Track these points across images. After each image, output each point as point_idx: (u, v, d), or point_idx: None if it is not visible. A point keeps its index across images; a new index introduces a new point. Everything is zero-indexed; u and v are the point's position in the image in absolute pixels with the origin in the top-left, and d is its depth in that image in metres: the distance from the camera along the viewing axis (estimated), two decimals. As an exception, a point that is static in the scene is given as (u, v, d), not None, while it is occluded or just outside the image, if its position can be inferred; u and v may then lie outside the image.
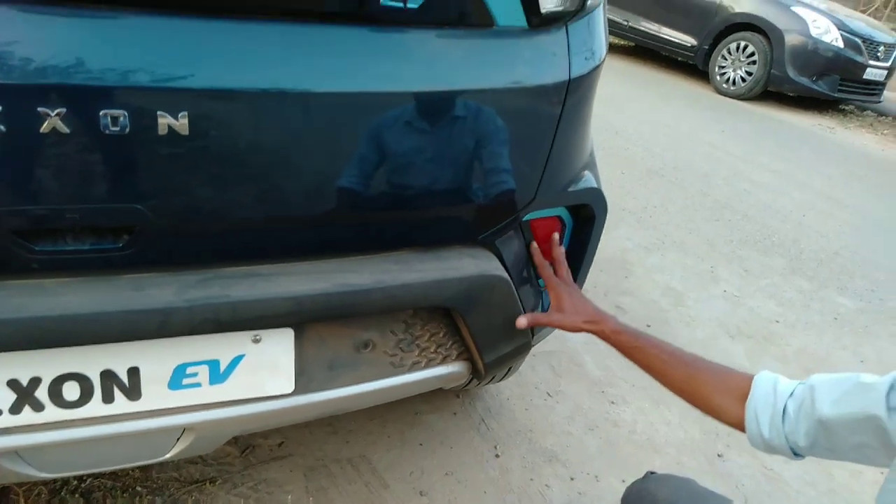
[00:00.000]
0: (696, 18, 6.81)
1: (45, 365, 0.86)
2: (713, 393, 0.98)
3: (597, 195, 1.21)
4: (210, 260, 0.90)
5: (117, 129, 0.74)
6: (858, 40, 6.29)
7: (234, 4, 0.79)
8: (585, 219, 1.24)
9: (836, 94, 6.44)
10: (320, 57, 0.84)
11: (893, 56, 6.62)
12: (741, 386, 0.96)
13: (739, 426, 0.96)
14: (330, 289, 0.94)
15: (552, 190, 1.11)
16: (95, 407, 0.91)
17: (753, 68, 6.45)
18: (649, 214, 3.36)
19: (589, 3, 1.02)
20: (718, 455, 1.82)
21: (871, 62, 6.37)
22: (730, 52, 6.63)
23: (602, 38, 1.10)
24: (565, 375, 2.06)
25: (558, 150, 1.07)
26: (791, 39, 6.18)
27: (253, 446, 1.60)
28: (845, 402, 0.83)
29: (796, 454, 0.91)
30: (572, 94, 1.03)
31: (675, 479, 1.08)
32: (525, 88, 0.99)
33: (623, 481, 1.69)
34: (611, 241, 2.99)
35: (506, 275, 1.10)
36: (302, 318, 0.96)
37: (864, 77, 6.39)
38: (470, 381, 1.26)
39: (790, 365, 2.29)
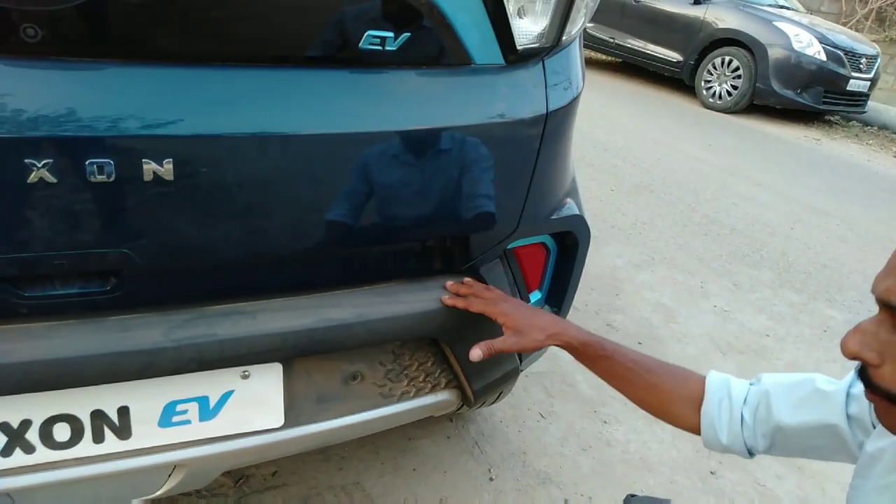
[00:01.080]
0: (682, 35, 6.91)
1: (35, 407, 0.87)
2: (671, 402, 0.99)
3: (579, 222, 1.23)
4: (196, 299, 0.91)
5: (103, 177, 0.76)
6: (840, 53, 6.39)
7: (215, 52, 0.81)
8: (569, 245, 1.26)
9: (820, 106, 6.53)
10: (301, 100, 0.86)
11: (875, 67, 6.72)
12: (696, 392, 0.97)
13: (696, 432, 0.97)
14: (315, 324, 0.95)
15: (535, 219, 1.13)
16: (86, 447, 0.92)
17: (739, 82, 6.54)
18: (639, 231, 3.39)
19: (564, 38, 1.05)
20: (711, 472, 1.83)
21: (854, 74, 6.47)
22: (715, 67, 6.72)
23: (578, 70, 1.13)
24: (558, 396, 2.07)
25: (539, 180, 1.09)
26: (774, 53, 6.28)
27: (247, 476, 1.60)
28: (804, 411, 0.86)
29: (751, 454, 0.94)
30: (550, 127, 1.06)
31: (654, 501, 1.09)
32: (504, 123, 1.01)
33: (616, 502, 1.69)
34: (601, 259, 3.01)
35: (491, 303, 1.11)
36: (288, 354, 0.97)
37: (848, 89, 6.49)
38: (460, 408, 1.27)
39: (781, 379, 2.31)
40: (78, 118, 0.74)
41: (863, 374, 0.64)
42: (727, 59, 6.61)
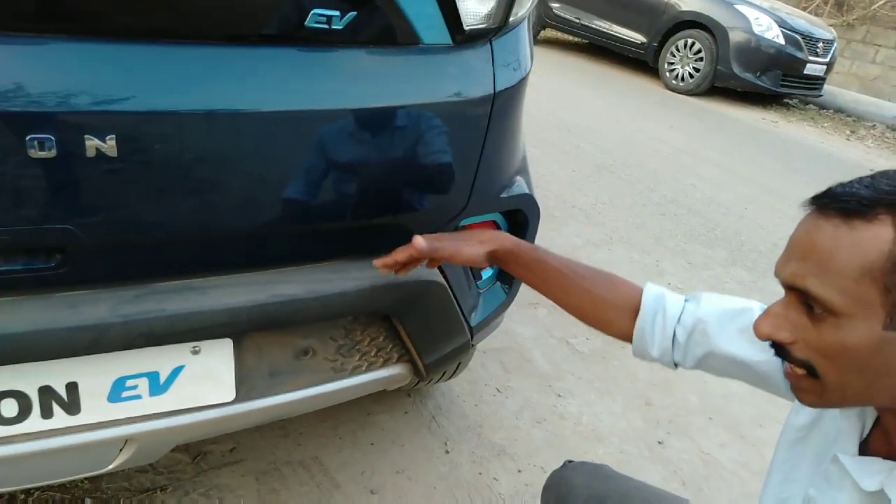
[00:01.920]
0: (646, 16, 6.97)
1: (-20, 383, 0.88)
2: (605, 308, 1.00)
3: (529, 200, 1.26)
4: (144, 275, 0.92)
5: (45, 152, 0.76)
6: (798, 37, 6.52)
7: (161, 29, 0.81)
8: (520, 223, 1.29)
9: (779, 89, 6.67)
10: (246, 78, 0.87)
11: (832, 52, 6.88)
12: (631, 300, 0.99)
13: (626, 339, 0.99)
14: (266, 300, 0.97)
15: (484, 197, 1.16)
16: (35, 422, 0.92)
17: (701, 65, 6.64)
18: (598, 211, 3.46)
19: (511, 19, 1.07)
20: (659, 442, 1.91)
21: (811, 58, 6.62)
22: (678, 49, 6.81)
23: (527, 51, 1.15)
24: (515, 371, 2.12)
25: (487, 159, 1.11)
26: (735, 37, 6.38)
27: (204, 453, 1.61)
28: (740, 344, 0.89)
29: (676, 367, 0.98)
30: (498, 107, 1.08)
31: (589, 465, 1.14)
32: (451, 103, 1.03)
33: (568, 472, 1.75)
34: (560, 238, 3.07)
35: (442, 279, 1.14)
36: (239, 329, 0.99)
37: (805, 72, 6.64)
38: (416, 383, 1.30)
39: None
40: (18, 93, 0.74)
41: (780, 352, 0.68)
42: (690, 41, 6.69)
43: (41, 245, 0.83)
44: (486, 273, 1.34)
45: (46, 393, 0.91)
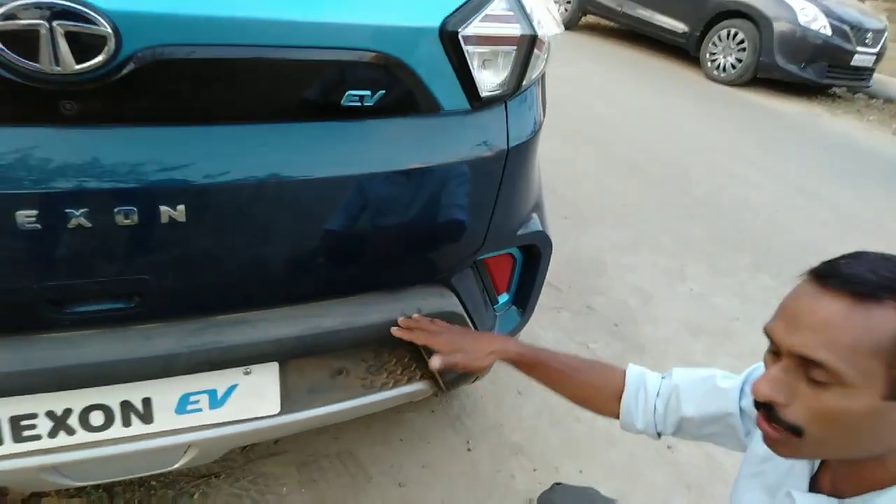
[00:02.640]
0: (689, 5, 6.89)
1: (75, 398, 1.07)
2: (596, 395, 1.19)
3: (542, 237, 1.40)
4: (205, 311, 1.10)
5: (128, 220, 0.93)
6: (846, 27, 6.37)
7: (218, 113, 0.97)
8: (534, 255, 1.43)
9: (823, 81, 6.55)
10: (293, 150, 1.02)
11: (882, 42, 6.69)
12: (617, 385, 1.17)
13: (615, 417, 1.18)
14: (306, 332, 1.14)
15: (499, 236, 1.30)
16: (116, 430, 1.11)
17: (743, 55, 6.55)
18: (627, 212, 3.54)
19: (524, 83, 1.19)
20: (668, 447, 2.03)
21: (860, 48, 6.46)
22: (720, 39, 6.72)
23: (538, 107, 1.28)
24: (535, 374, 2.26)
25: (502, 205, 1.25)
26: (780, 27, 6.27)
27: (252, 445, 1.81)
28: (705, 404, 1.06)
29: (659, 436, 1.15)
30: (511, 160, 1.22)
31: (577, 489, 1.29)
32: (469, 159, 1.17)
33: (580, 471, 1.90)
34: (588, 241, 3.17)
35: (460, 309, 1.29)
36: (283, 356, 1.16)
37: (853, 64, 6.49)
38: (435, 395, 1.46)
39: (744, 361, 2.47)
40: (105, 173, 0.91)
41: (769, 411, 0.76)
42: (733, 31, 6.60)
43: (124, 291, 1.01)
44: (503, 298, 1.48)
45: (126, 406, 1.10)
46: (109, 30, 0.83)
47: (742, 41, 6.54)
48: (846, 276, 0.70)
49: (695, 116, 5.43)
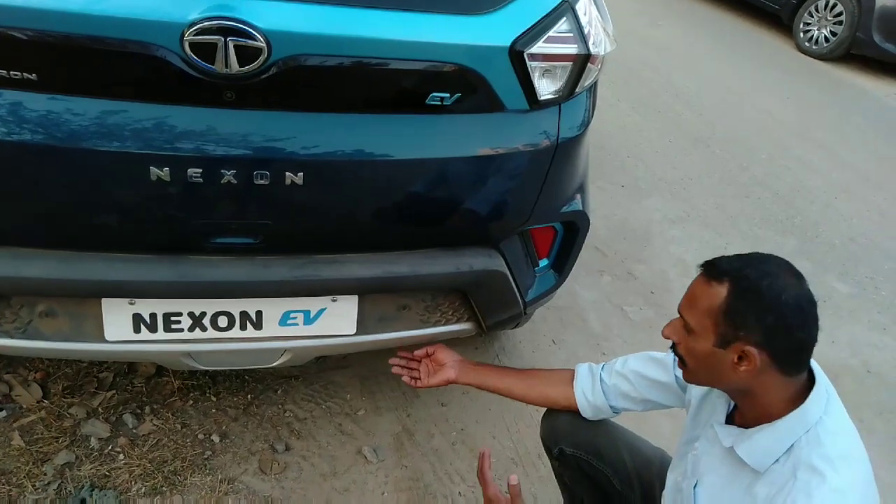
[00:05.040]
0: (788, -29, 6.64)
1: (208, 305, 1.44)
2: (549, 391, 1.49)
3: (581, 216, 1.67)
4: (308, 251, 1.44)
5: (262, 180, 1.26)
6: (954, 9, 6.03)
7: (335, 104, 1.28)
8: (572, 230, 1.70)
9: (921, 63, 6.26)
10: (387, 135, 1.33)
11: None
12: (567, 377, 1.48)
13: (573, 405, 1.45)
14: (381, 274, 1.46)
15: (544, 213, 1.58)
16: (235, 332, 1.49)
17: (839, 29, 6.32)
18: (684, 186, 3.70)
19: (577, 90, 1.44)
20: (679, 404, 2.31)
21: (966, 33, 6.12)
22: (817, 10, 6.48)
23: (587, 110, 1.53)
24: (570, 328, 2.56)
25: (548, 187, 1.52)
26: (882, 2, 6.00)
27: (325, 357, 2.20)
28: (649, 370, 1.39)
29: (615, 411, 1.44)
30: (560, 152, 1.48)
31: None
32: (525, 150, 1.44)
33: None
34: (640, 211, 3.38)
35: (505, 269, 1.59)
36: (363, 291, 1.50)
37: (956, 49, 6.16)
38: (479, 335, 1.77)
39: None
40: (250, 144, 1.24)
41: (674, 348, 1.14)
42: (831, 2, 6.35)
43: (252, 230, 1.35)
44: (543, 262, 1.77)
45: (244, 315, 1.47)
46: (264, 44, 1.14)
47: (840, 13, 6.30)
48: (712, 264, 1.07)
49: (773, 92, 5.38)
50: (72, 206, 1.25)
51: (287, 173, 1.26)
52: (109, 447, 1.80)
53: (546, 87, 1.39)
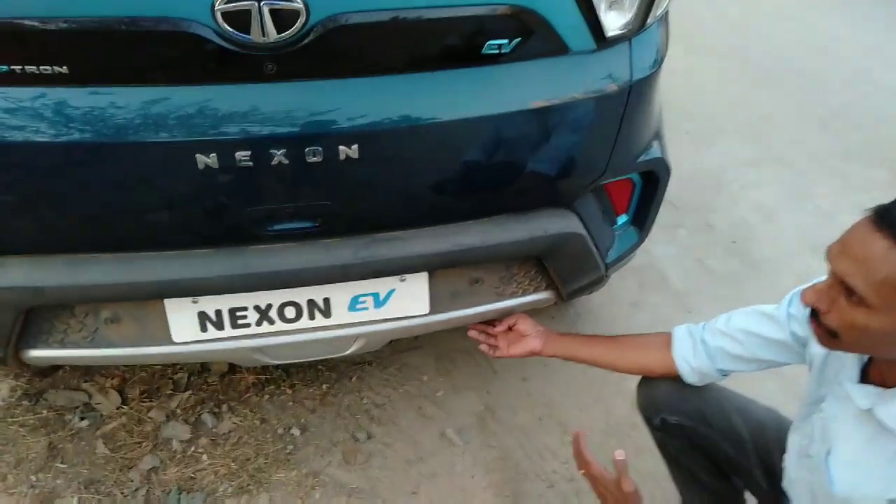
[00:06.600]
0: None
1: (274, 296, 1.37)
2: (644, 358, 1.37)
3: (661, 163, 1.51)
4: (371, 230, 1.34)
5: (315, 158, 1.16)
6: None
7: (383, 65, 1.17)
8: (651, 180, 1.55)
9: None
10: (443, 95, 1.21)
11: None
12: (663, 341, 1.33)
13: (672, 371, 1.32)
14: (450, 247, 1.35)
15: (620, 164, 1.43)
16: (304, 322, 1.41)
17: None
18: (754, 125, 3.44)
19: (649, 21, 1.28)
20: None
21: None
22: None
23: (661, 44, 1.36)
24: (650, 288, 2.40)
25: (624, 135, 1.38)
26: None
27: (396, 339, 2.12)
28: (759, 327, 1.22)
29: (722, 375, 1.29)
30: (634, 95, 1.33)
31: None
32: (595, 95, 1.30)
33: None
34: (710, 158, 3.16)
35: (582, 230, 1.46)
36: (432, 267, 1.40)
37: None
38: (556, 303, 1.65)
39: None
40: (298, 120, 1.14)
41: (814, 315, 0.95)
42: None
43: (310, 213, 1.26)
44: (622, 219, 1.62)
45: (311, 304, 1.39)
46: (301, 5, 1.03)
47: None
48: (894, 222, 0.82)
49: (842, 15, 4.96)
50: (120, 205, 1.19)
51: (340, 147, 1.16)
52: (192, 448, 1.78)
53: (614, 21, 1.24)
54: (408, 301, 1.44)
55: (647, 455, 1.71)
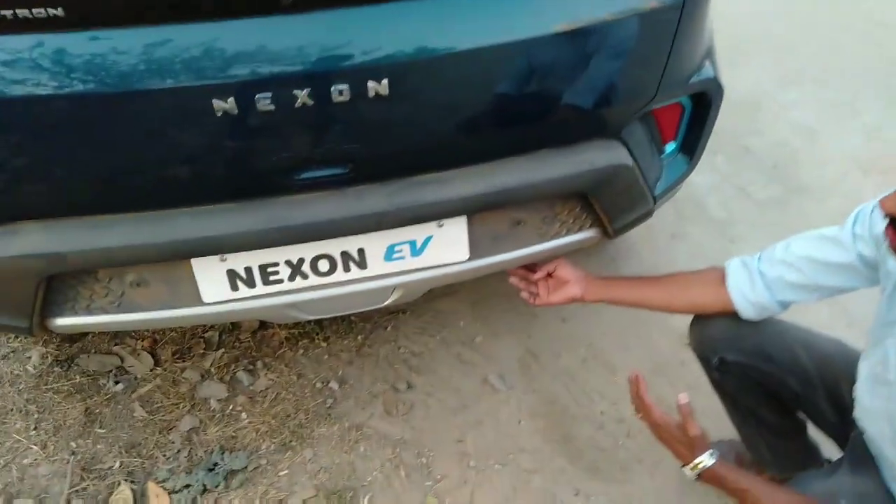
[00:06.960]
0: None
1: (306, 249, 1.28)
2: (697, 295, 1.29)
3: (713, 83, 1.38)
4: (405, 173, 1.24)
5: (342, 97, 1.05)
6: None
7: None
8: (703, 103, 1.42)
9: None
10: (476, 18, 1.08)
11: None
12: (715, 277, 1.25)
13: (728, 307, 1.23)
14: (489, 188, 1.25)
15: (672, 87, 1.31)
16: (339, 275, 1.34)
17: None
18: (790, 40, 3.23)
19: (705, -79, 1.14)
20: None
21: None
22: None
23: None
24: (689, 218, 2.29)
25: (676, 55, 1.24)
26: None
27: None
28: (822, 252, 1.14)
29: (783, 307, 1.21)
30: (689, 6, 1.19)
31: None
32: (646, 10, 1.16)
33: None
34: (744, 80, 2.97)
35: (630, 161, 1.34)
36: (470, 210, 1.30)
37: None
38: (604, 240, 1.56)
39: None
40: (322, 55, 1.03)
41: (893, 224, 0.92)
42: None
43: (340, 158, 1.16)
44: (670, 147, 1.50)
45: (345, 255, 1.31)
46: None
47: None
48: None
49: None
50: (136, 160, 1.09)
51: (369, 83, 1.05)
52: (230, 407, 1.74)
53: (668, -79, 1.09)
54: (446, 247, 1.36)
55: (699, 392, 1.64)
